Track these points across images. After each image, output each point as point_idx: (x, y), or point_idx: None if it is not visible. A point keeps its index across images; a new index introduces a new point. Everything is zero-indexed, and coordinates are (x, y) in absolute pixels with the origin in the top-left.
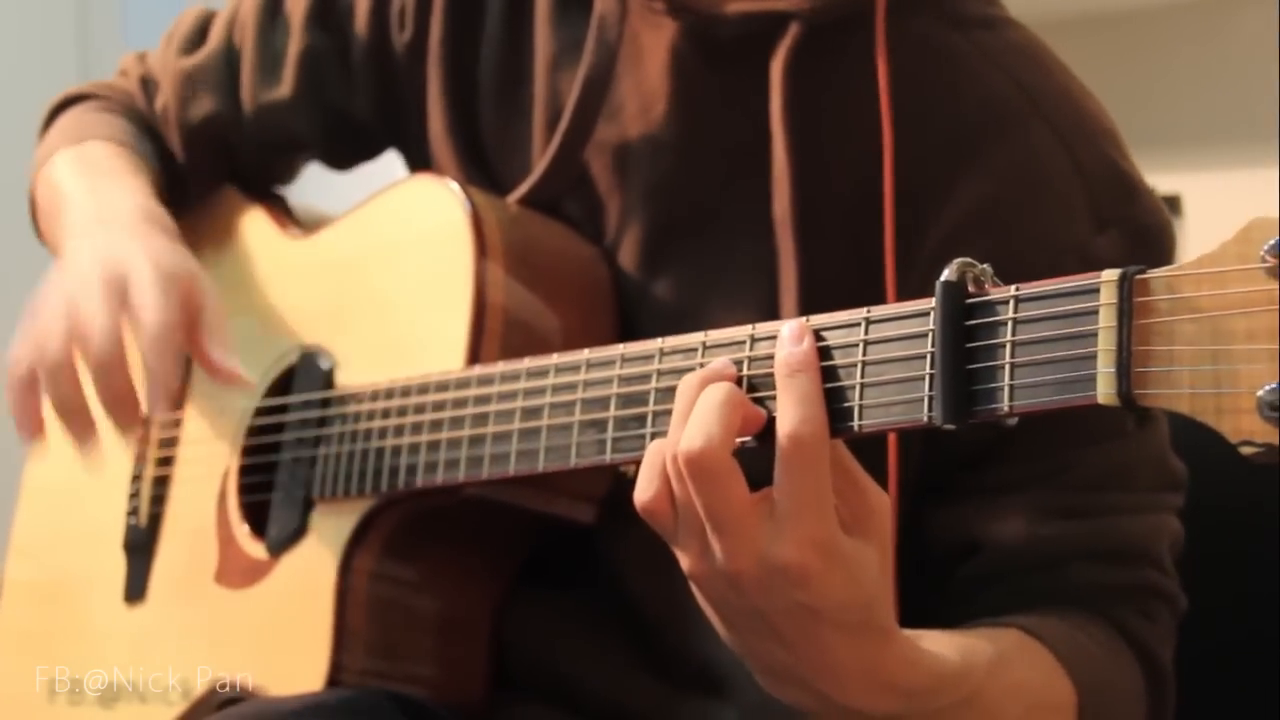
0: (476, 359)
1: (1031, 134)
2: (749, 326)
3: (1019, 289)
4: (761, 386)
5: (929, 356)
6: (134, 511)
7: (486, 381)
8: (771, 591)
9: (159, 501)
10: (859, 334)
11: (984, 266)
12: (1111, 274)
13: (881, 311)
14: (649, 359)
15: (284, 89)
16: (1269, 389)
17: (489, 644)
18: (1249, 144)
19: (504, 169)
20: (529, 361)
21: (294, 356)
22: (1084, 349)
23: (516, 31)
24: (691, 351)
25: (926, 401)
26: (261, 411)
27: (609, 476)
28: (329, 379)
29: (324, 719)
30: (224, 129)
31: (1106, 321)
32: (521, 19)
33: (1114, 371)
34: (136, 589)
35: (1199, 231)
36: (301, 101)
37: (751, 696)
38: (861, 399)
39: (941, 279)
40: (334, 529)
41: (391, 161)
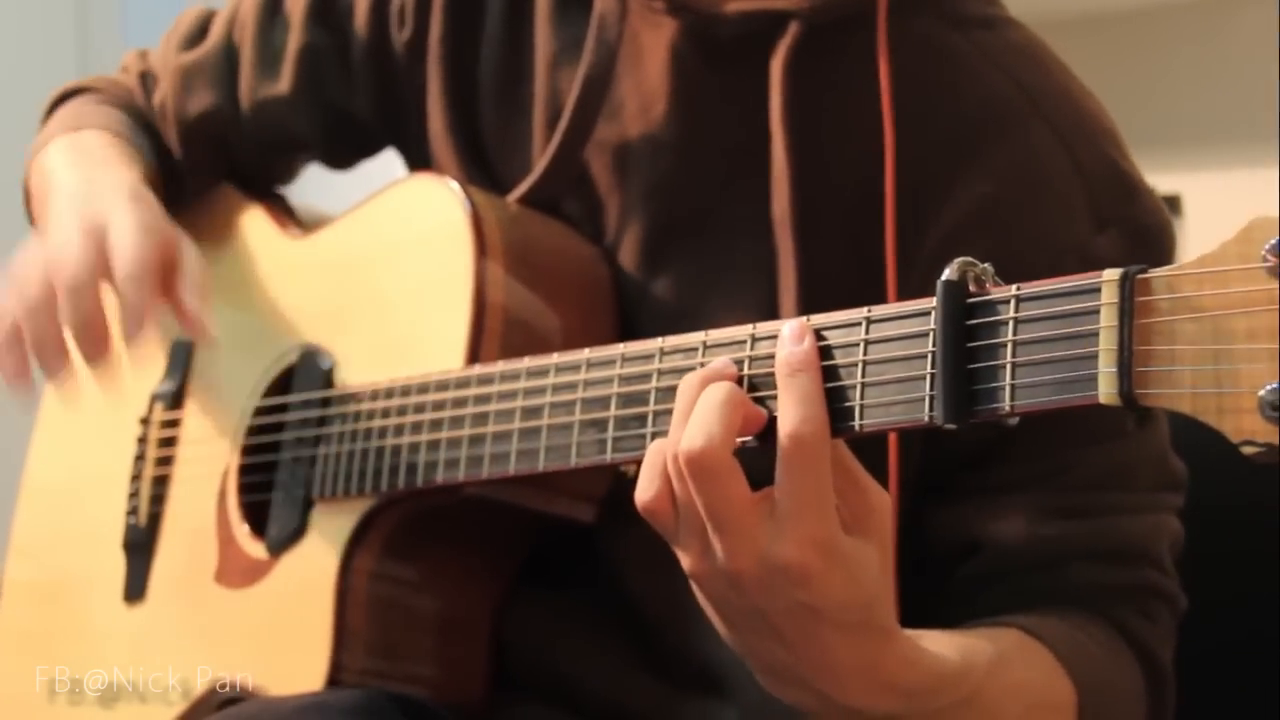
0: (476, 358)
1: (1031, 134)
2: (749, 326)
3: (1020, 288)
4: (762, 386)
5: (930, 356)
6: (133, 511)
7: (486, 381)
8: (772, 591)
9: (159, 501)
10: (860, 333)
11: (985, 266)
12: (1113, 273)
13: (882, 311)
14: (649, 358)
15: (283, 85)
16: (1270, 389)
17: (489, 644)
18: (1249, 144)
19: (504, 168)
20: (529, 361)
21: (294, 356)
22: (1085, 348)
23: (516, 30)
24: (692, 351)
25: (927, 401)
26: (261, 411)
27: (609, 476)
28: (329, 378)
29: (324, 719)
30: (222, 125)
31: (1108, 321)
32: (521, 18)
33: (1115, 371)
34: (136, 589)
35: (1199, 231)
36: (300, 99)
37: (751, 696)
38: (862, 398)
39: (942, 278)
40: (334, 528)
41: (391, 161)
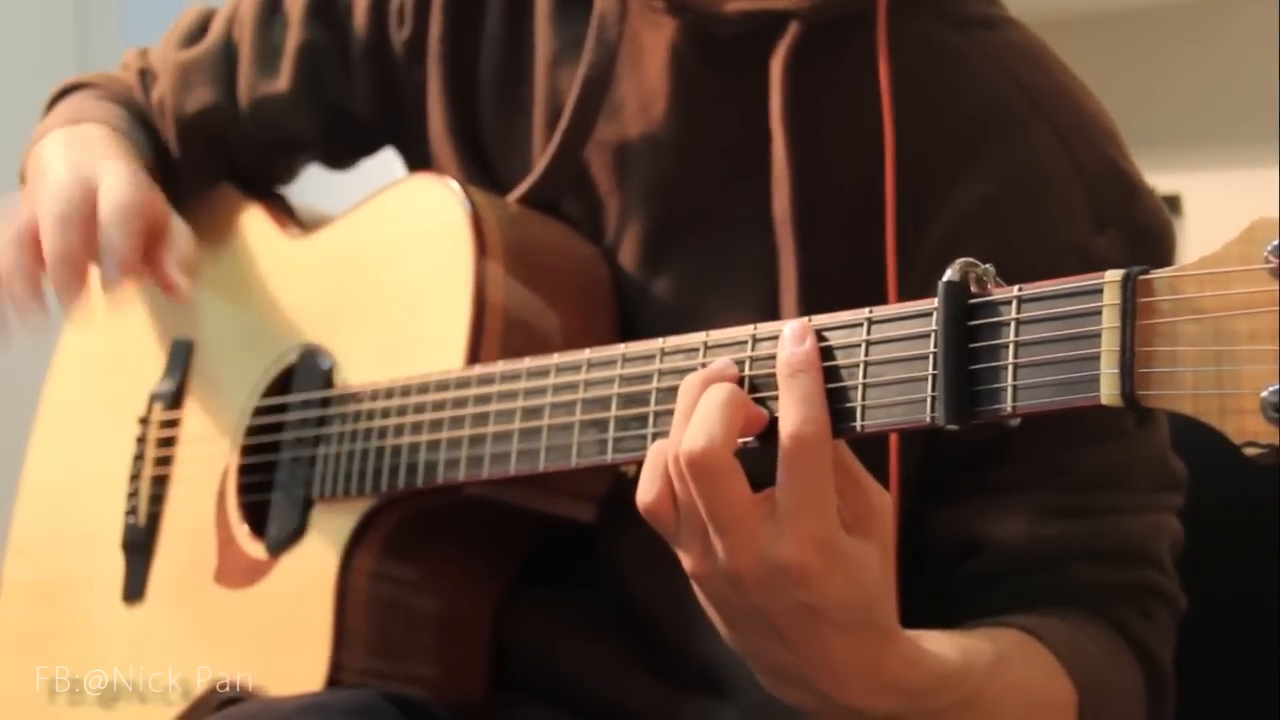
0: (476, 358)
1: (1031, 134)
2: (750, 326)
3: (1022, 289)
4: (763, 387)
5: (931, 357)
6: (132, 511)
7: (487, 381)
8: (773, 591)
9: (158, 501)
10: (861, 334)
11: (986, 266)
12: (1115, 274)
13: (883, 312)
14: (650, 359)
15: (281, 83)
16: (1272, 390)
17: (489, 644)
18: (1249, 144)
19: (504, 168)
20: (529, 361)
21: (294, 356)
22: (1087, 349)
23: (516, 29)
24: (693, 351)
25: (929, 402)
26: (261, 411)
27: (609, 476)
28: (329, 378)
29: (324, 719)
30: (220, 123)
31: (1110, 322)
32: (521, 17)
33: (1117, 372)
34: (135, 589)
35: (1199, 231)
36: (299, 97)
37: (752, 696)
38: (864, 399)
39: (944, 279)
40: (334, 528)
41: (391, 161)
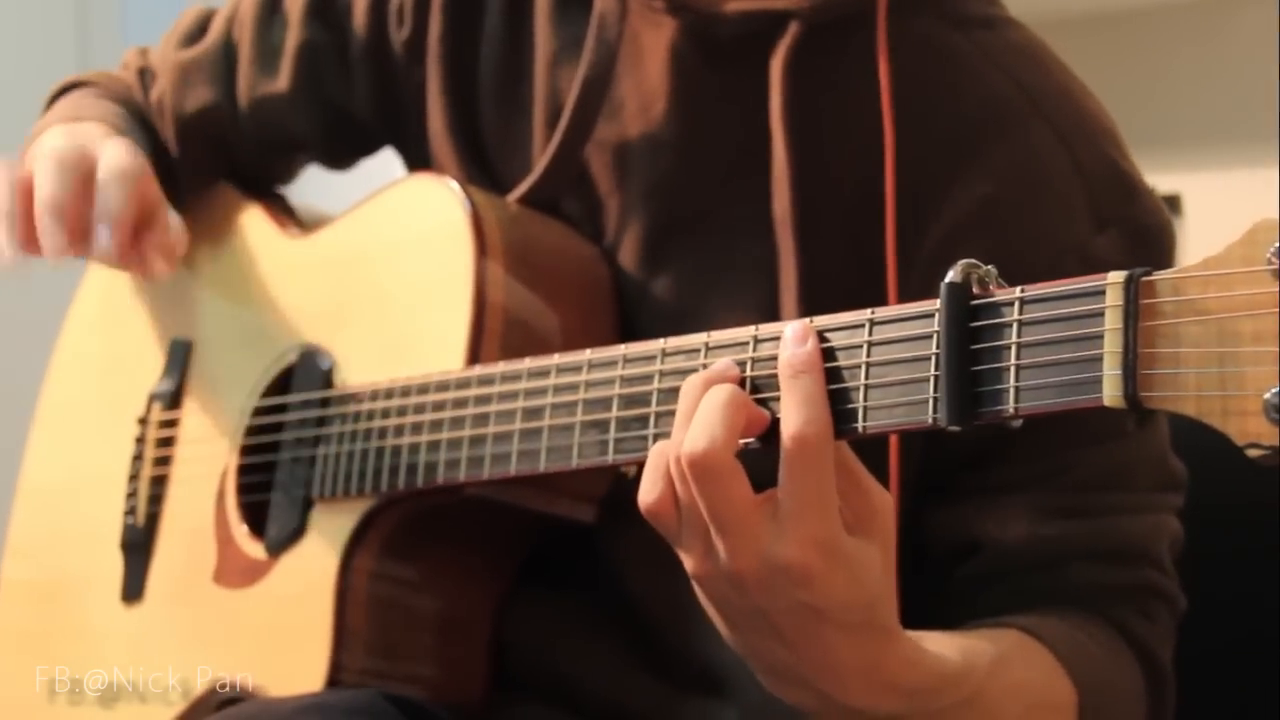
0: (477, 358)
1: (1031, 134)
2: (752, 327)
3: (1024, 290)
4: (765, 388)
5: (933, 358)
6: (131, 511)
7: (487, 381)
8: (774, 591)
9: (157, 501)
10: (863, 335)
11: (989, 268)
12: (1117, 276)
13: (885, 313)
14: (651, 359)
15: (281, 82)
16: (1275, 392)
17: (489, 644)
18: (1249, 144)
19: (504, 168)
20: (530, 362)
21: (293, 356)
22: (1090, 351)
23: (516, 29)
24: (694, 352)
25: (931, 403)
26: (260, 411)
27: (609, 477)
28: (328, 378)
29: (324, 719)
30: (220, 122)
31: (1112, 323)
32: (521, 16)
33: (1120, 373)
34: (134, 589)
35: (1199, 231)
36: (299, 96)
37: (752, 696)
38: (865, 400)
39: (946, 280)
40: (334, 529)
41: (391, 161)
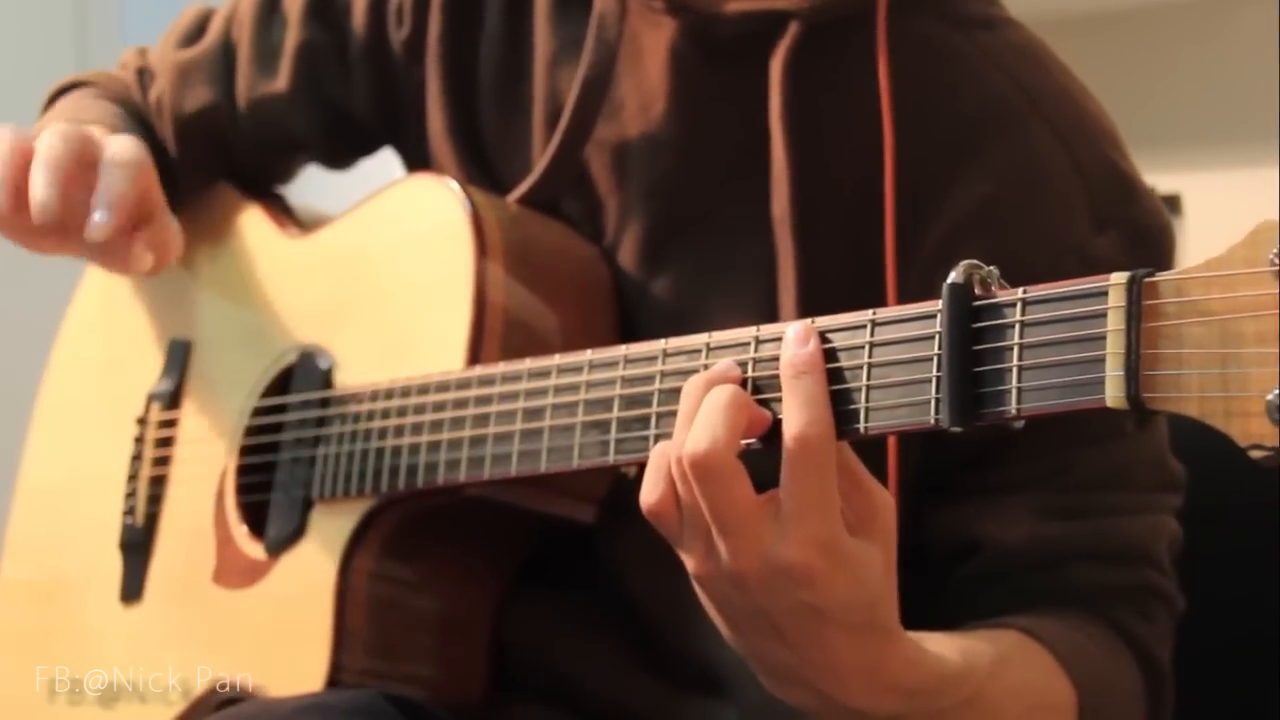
0: (477, 359)
1: (1031, 134)
2: (753, 328)
3: (1026, 292)
4: (766, 388)
5: (935, 359)
6: (130, 511)
7: (488, 382)
8: (776, 591)
9: (156, 501)
10: (864, 336)
11: (991, 269)
12: (1120, 277)
13: (887, 313)
14: (652, 360)
15: (280, 83)
16: (1277, 393)
17: (488, 644)
18: (1249, 144)
19: (504, 168)
20: (531, 362)
21: (293, 356)
22: (1092, 352)
23: (515, 29)
24: (695, 353)
25: (933, 404)
26: (260, 411)
27: (609, 477)
28: (328, 379)
29: (324, 719)
30: (219, 123)
31: (1115, 324)
32: (520, 16)
33: (1123, 375)
34: (133, 589)
35: (1199, 231)
36: (298, 96)
37: (752, 696)
38: (867, 401)
39: (948, 281)
40: (334, 529)
41: (391, 161)
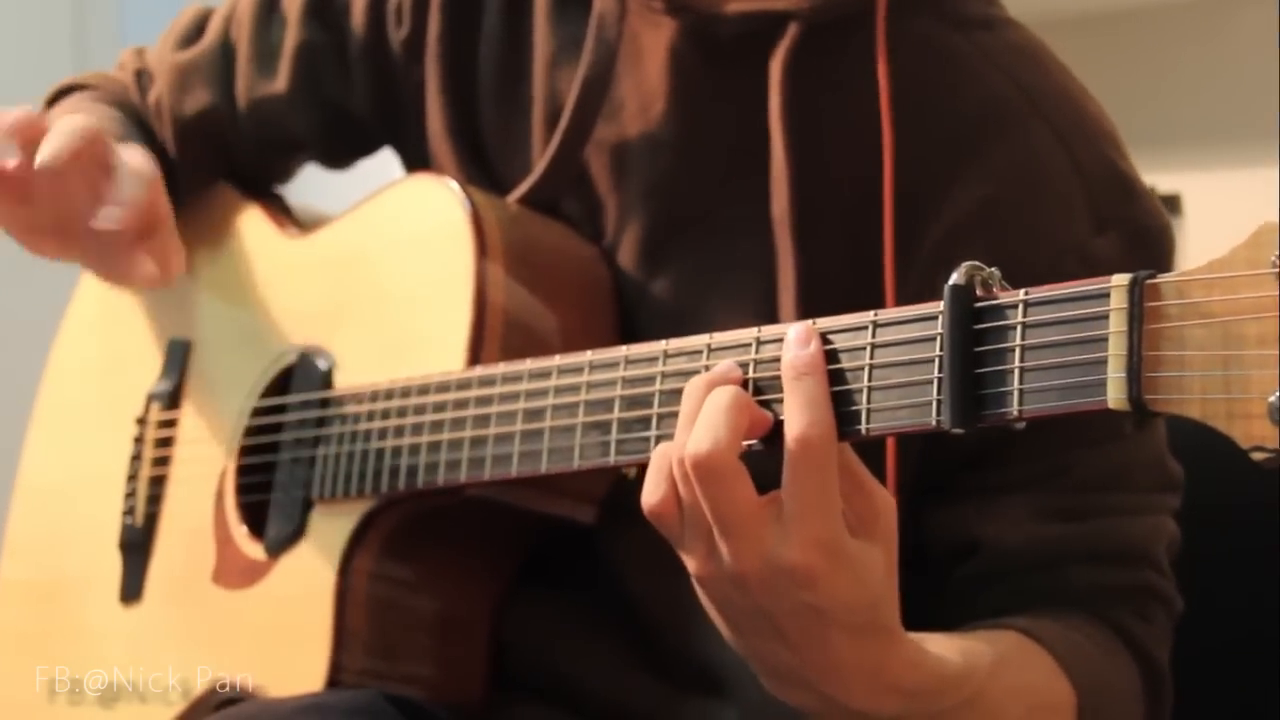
0: (477, 359)
1: (1031, 134)
2: (754, 329)
3: (1028, 293)
4: (767, 389)
5: (937, 360)
6: (130, 511)
7: (488, 382)
8: (777, 592)
9: (155, 501)
10: (866, 337)
11: (992, 270)
12: (1121, 278)
13: (889, 315)
14: (653, 361)
15: (279, 83)
16: (1279, 395)
17: (488, 644)
18: (1249, 144)
19: (504, 168)
20: (531, 363)
21: (292, 356)
22: (1094, 354)
23: (515, 28)
24: (696, 354)
25: (935, 405)
26: (259, 411)
27: (610, 478)
28: (328, 379)
29: (323, 719)
30: (219, 124)
31: (1117, 326)
32: (520, 16)
33: (1124, 376)
34: (133, 589)
35: (1199, 231)
36: (297, 96)
37: (752, 696)
38: (869, 402)
39: (950, 282)
40: (333, 529)
41: (390, 161)
